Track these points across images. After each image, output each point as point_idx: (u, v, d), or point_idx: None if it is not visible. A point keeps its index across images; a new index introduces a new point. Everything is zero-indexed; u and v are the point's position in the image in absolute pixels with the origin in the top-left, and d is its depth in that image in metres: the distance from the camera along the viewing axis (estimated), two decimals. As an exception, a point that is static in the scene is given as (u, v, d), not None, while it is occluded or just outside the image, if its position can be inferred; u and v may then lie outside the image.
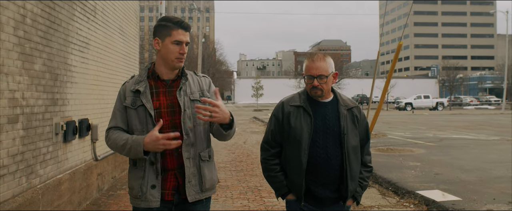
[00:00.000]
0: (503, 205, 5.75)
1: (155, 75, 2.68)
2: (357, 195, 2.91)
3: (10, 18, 4.06)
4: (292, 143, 2.81)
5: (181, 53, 2.62)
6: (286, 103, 2.92)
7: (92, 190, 6.51)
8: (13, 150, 4.16)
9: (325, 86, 2.81)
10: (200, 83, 2.77)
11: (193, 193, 2.62)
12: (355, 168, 2.83)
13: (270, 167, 2.91)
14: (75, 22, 5.84)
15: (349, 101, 2.94)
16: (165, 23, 2.63)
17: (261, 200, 6.55)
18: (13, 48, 4.12)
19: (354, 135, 2.84)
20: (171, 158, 2.60)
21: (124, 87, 2.72)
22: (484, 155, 10.96)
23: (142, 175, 2.58)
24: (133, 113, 2.63)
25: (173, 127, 2.59)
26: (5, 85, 3.99)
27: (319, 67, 2.79)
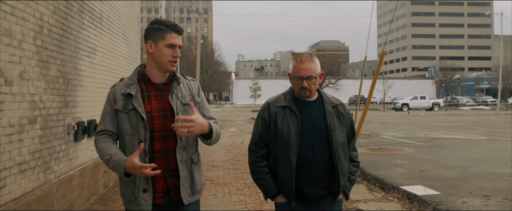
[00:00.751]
0: (477, 198, 6.25)
1: (146, 78, 2.68)
2: (346, 190, 2.96)
3: (30, 30, 4.54)
4: (280, 144, 2.82)
5: (175, 56, 2.63)
6: (272, 105, 2.94)
7: (99, 186, 6.98)
8: (33, 148, 4.63)
9: (313, 87, 2.84)
10: (190, 87, 2.79)
11: (187, 196, 2.66)
12: (344, 163, 2.87)
13: (258, 169, 2.92)
14: (84, 30, 6.31)
15: (333, 99, 2.99)
16: (159, 26, 2.64)
17: (257, 195, 7.02)
18: (32, 56, 4.60)
19: (341, 131, 2.88)
20: (160, 161, 2.61)
21: (113, 90, 2.70)
22: (469, 154, 11.48)
23: (133, 180, 2.59)
24: (124, 116, 2.62)
25: (164, 131, 2.61)
26: (26, 89, 4.46)
27: (308, 69, 2.80)
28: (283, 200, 2.87)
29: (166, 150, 2.62)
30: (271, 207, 6.40)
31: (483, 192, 6.63)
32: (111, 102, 2.66)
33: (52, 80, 5.12)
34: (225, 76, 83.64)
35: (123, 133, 2.62)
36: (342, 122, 2.91)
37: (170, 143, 2.62)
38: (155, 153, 2.60)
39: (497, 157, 10.78)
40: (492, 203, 5.97)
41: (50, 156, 5.10)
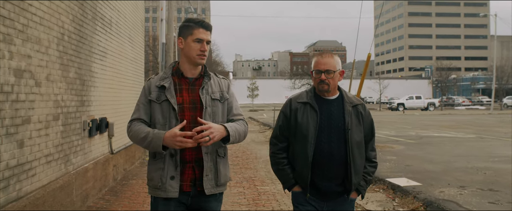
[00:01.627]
0: (454, 188, 6.88)
1: (179, 73, 2.83)
2: (361, 189, 3.01)
3: (54, 37, 5.13)
4: (299, 138, 2.93)
5: (202, 50, 2.77)
6: (294, 100, 3.05)
7: (109, 179, 7.57)
8: (56, 142, 5.22)
9: (331, 81, 2.93)
10: (220, 84, 2.93)
11: (209, 187, 2.75)
12: (359, 162, 2.93)
13: (278, 161, 3.04)
14: (96, 35, 6.90)
15: (354, 99, 3.06)
16: (188, 24, 2.81)
17: (255, 187, 7.62)
18: (56, 60, 5.19)
19: (359, 131, 2.94)
20: (190, 150, 2.72)
21: (149, 83, 2.85)
22: (454, 150, 12.12)
23: (162, 167, 2.71)
24: (157, 107, 2.76)
25: (193, 122, 2.72)
26: (51, 90, 5.05)
27: (327, 63, 2.93)
28: (299, 189, 3.00)
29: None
30: (268, 198, 7.01)
31: (460, 183, 7.27)
32: (146, 93, 2.82)
33: (71, 82, 5.72)
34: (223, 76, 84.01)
35: (155, 123, 2.76)
36: (361, 121, 2.98)
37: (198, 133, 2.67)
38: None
39: (480, 153, 11.43)
40: (466, 192, 6.60)
41: (69, 150, 5.69)
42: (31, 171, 4.53)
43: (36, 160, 4.64)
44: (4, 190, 3.94)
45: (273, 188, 7.55)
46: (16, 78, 4.15)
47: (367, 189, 3.05)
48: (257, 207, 6.28)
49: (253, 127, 23.77)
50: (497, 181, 7.47)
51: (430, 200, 6.06)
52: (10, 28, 4.02)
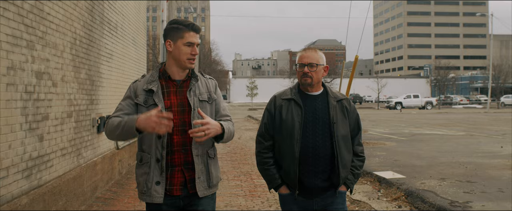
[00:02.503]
0: (434, 180, 7.43)
1: (166, 75, 2.78)
2: (349, 183, 3.01)
3: (68, 42, 5.65)
4: (285, 135, 2.93)
5: (193, 54, 2.74)
6: (278, 97, 3.06)
7: (115, 172, 8.10)
8: (70, 137, 5.75)
9: (314, 74, 2.95)
10: (207, 85, 2.90)
11: (202, 189, 2.75)
12: (346, 156, 2.94)
13: (264, 160, 3.03)
14: (104, 39, 7.43)
15: (338, 94, 3.08)
16: (177, 26, 2.74)
17: (251, 181, 8.15)
18: (69, 63, 5.71)
19: (344, 125, 2.96)
20: (179, 154, 2.71)
21: (135, 85, 2.80)
22: (442, 147, 12.66)
23: (148, 171, 2.70)
24: (145, 110, 2.69)
25: (182, 125, 2.71)
26: (66, 90, 5.58)
27: (309, 56, 2.96)
28: (286, 191, 2.99)
29: (184, 143, 2.71)
30: (263, 190, 7.53)
31: (441, 176, 7.81)
32: (131, 96, 2.77)
33: (82, 82, 6.24)
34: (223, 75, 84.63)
35: None
36: (346, 116, 3.00)
37: (188, 137, 2.69)
38: (174, 146, 2.70)
39: (466, 149, 11.98)
40: (445, 184, 7.15)
41: (80, 144, 6.22)
42: (49, 162, 5.06)
43: (53, 153, 5.17)
44: (28, 178, 4.47)
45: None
46: (37, 79, 4.68)
47: (355, 183, 3.05)
48: (253, 198, 6.80)
49: (251, 125, 24.31)
50: (476, 174, 8.02)
51: (411, 190, 6.61)
52: (32, 36, 4.54)
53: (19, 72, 4.23)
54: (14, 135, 4.13)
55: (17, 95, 4.20)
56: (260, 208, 6.17)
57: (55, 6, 5.15)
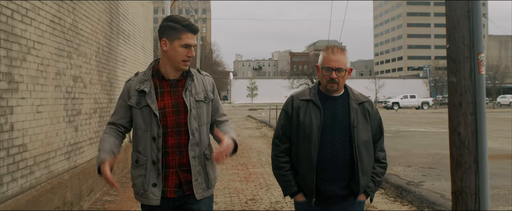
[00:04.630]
0: (401, 167, 8.66)
1: (160, 74, 2.69)
2: (369, 191, 2.83)
3: (94, 50, 6.88)
4: (302, 138, 2.77)
5: (189, 56, 2.63)
6: (296, 98, 2.88)
7: (128, 162, 9.31)
8: (95, 129, 6.97)
9: (342, 80, 2.76)
10: (204, 83, 2.79)
11: (200, 191, 2.69)
12: (366, 162, 2.76)
13: (280, 165, 2.87)
14: (119, 46, 8.66)
15: (360, 96, 2.88)
16: (174, 25, 2.62)
17: (247, 169, 9.38)
18: (95, 68, 6.94)
19: (365, 130, 2.77)
20: (173, 156, 2.65)
21: (128, 85, 2.73)
22: (420, 141, 13.93)
23: (144, 174, 2.64)
24: (138, 112, 2.65)
25: (177, 126, 2.64)
26: (92, 90, 6.80)
27: (338, 60, 2.72)
28: (302, 198, 2.83)
29: (179, 145, 2.65)
30: (257, 176, 8.74)
31: (409, 164, 9.05)
32: (124, 98, 2.73)
33: (104, 84, 7.47)
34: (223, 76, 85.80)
35: (137, 128, 2.69)
36: (368, 119, 2.82)
37: (182, 138, 2.65)
38: (169, 148, 2.64)
39: (441, 143, 13.09)
40: (409, 170, 8.38)
41: (103, 136, 7.44)
42: (82, 149, 6.28)
43: (84, 141, 6.40)
44: (68, 159, 5.69)
45: (262, 170, 9.30)
46: (74, 82, 5.90)
47: (375, 191, 2.89)
48: (247, 182, 8.03)
49: (251, 124, 25.52)
50: (439, 162, 9.26)
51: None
52: (71, 48, 5.77)
53: (63, 76, 5.45)
54: (59, 125, 5.36)
55: (61, 94, 5.42)
56: (253, 191, 7.37)
57: (85, 23, 6.37)
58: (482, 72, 3.87)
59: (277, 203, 6.38)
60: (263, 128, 21.44)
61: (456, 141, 3.97)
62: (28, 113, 4.46)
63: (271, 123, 22.01)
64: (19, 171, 4.27)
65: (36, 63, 4.64)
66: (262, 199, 6.67)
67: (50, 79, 5.02)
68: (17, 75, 4.22)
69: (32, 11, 4.53)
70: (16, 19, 4.17)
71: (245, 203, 6.46)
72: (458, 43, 3.91)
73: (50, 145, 5.05)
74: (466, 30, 3.88)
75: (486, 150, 3.88)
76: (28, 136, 4.46)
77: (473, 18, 3.86)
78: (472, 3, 3.87)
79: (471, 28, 3.87)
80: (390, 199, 6.52)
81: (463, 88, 3.90)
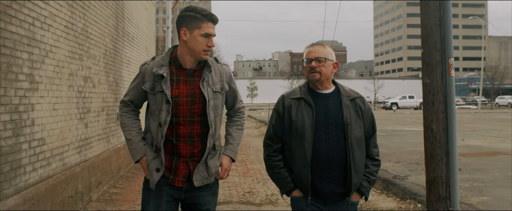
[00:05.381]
0: (390, 163, 9.16)
1: (177, 63, 2.66)
2: (364, 190, 2.80)
3: (102, 53, 7.36)
4: (295, 137, 2.75)
5: (209, 46, 2.61)
6: (287, 97, 2.87)
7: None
8: (102, 126, 7.46)
9: (323, 69, 2.76)
10: (221, 73, 2.77)
11: (200, 179, 2.68)
12: (359, 160, 2.74)
13: (273, 164, 2.85)
14: (124, 48, 9.14)
15: (352, 92, 2.88)
16: (194, 14, 2.60)
17: (245, 166, 9.86)
18: (102, 69, 7.42)
19: (358, 126, 2.76)
20: (185, 145, 2.65)
21: (144, 69, 2.71)
22: (412, 140, 14.39)
23: (154, 156, 2.69)
24: (152, 97, 2.65)
25: (190, 116, 2.62)
26: (100, 90, 7.28)
27: (317, 51, 2.78)
28: (299, 194, 2.81)
29: (191, 135, 2.64)
30: (254, 172, 9.22)
31: (398, 160, 9.54)
32: (139, 80, 2.74)
33: (110, 84, 7.96)
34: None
35: (151, 112, 2.70)
36: (360, 116, 2.80)
37: (195, 129, 2.63)
38: (180, 137, 2.63)
39: (433, 142, 13.69)
40: (398, 165, 8.88)
41: (110, 133, 7.93)
42: (91, 144, 6.77)
43: (93, 137, 6.88)
44: (79, 153, 6.17)
45: (259, 166, 9.78)
46: (84, 82, 6.39)
47: (370, 190, 2.87)
48: (245, 177, 8.51)
49: (250, 123, 26.01)
50: (427, 159, 9.71)
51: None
52: (82, 51, 6.25)
53: (75, 77, 5.94)
54: (72, 121, 5.84)
55: (74, 93, 5.91)
56: (251, 185, 7.85)
57: (94, 27, 6.85)
58: (452, 75, 4.34)
59: (272, 196, 6.86)
60: (262, 127, 21.92)
61: (429, 136, 4.44)
62: (46, 110, 4.95)
63: (270, 123, 22.45)
64: (38, 162, 4.76)
65: (52, 65, 5.12)
66: (259, 192, 7.16)
67: (64, 79, 5.51)
68: (37, 76, 4.70)
69: (50, 18, 5.02)
70: (36, 26, 4.66)
71: (243, 195, 6.94)
72: (431, 48, 4.39)
73: (64, 140, 5.53)
74: (438, 37, 4.37)
75: (455, 143, 4.36)
76: (46, 130, 4.94)
77: (444, 26, 4.35)
78: (444, 12, 4.36)
79: (442, 35, 4.36)
80: (377, 192, 7.00)
81: (435, 89, 4.38)
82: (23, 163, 4.40)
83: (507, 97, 64.18)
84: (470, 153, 10.90)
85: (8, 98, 4.06)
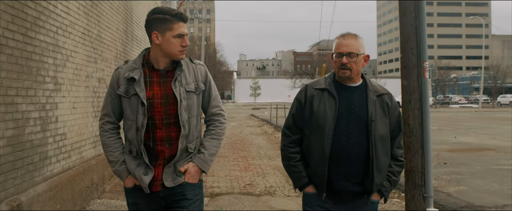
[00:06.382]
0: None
1: (150, 64, 2.61)
2: (384, 191, 2.69)
3: (113, 56, 7.97)
4: (315, 129, 2.64)
5: (184, 46, 2.57)
6: (310, 87, 2.76)
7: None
8: (114, 124, 8.06)
9: (354, 65, 2.62)
10: (195, 72, 2.69)
11: (171, 179, 2.62)
12: (383, 159, 2.61)
13: (290, 155, 2.74)
14: (133, 51, 9.75)
15: (379, 88, 2.74)
16: (164, 16, 2.54)
17: (247, 161, 10.47)
18: (112, 71, 8.02)
19: (383, 124, 2.63)
20: (163, 149, 2.58)
21: (117, 73, 2.66)
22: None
23: (137, 162, 2.63)
24: (126, 101, 2.59)
25: (166, 118, 2.57)
26: (112, 90, 7.89)
27: (349, 45, 2.63)
28: (313, 190, 2.70)
29: (169, 138, 2.58)
30: (255, 167, 9.81)
31: (390, 156, 10.10)
32: (114, 86, 2.66)
33: (121, 85, 8.57)
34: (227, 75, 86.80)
35: (126, 118, 2.65)
36: (387, 113, 2.67)
37: (172, 131, 2.58)
38: (157, 140, 2.57)
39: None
40: (389, 160, 9.43)
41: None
42: (104, 140, 7.38)
43: (106, 134, 7.49)
44: (94, 148, 6.79)
45: (260, 162, 10.39)
46: (98, 83, 7.00)
47: (390, 191, 2.73)
48: (246, 171, 9.11)
49: (253, 122, 26.65)
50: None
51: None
52: (97, 54, 6.86)
53: (91, 79, 6.55)
54: (88, 119, 6.45)
55: (90, 93, 6.52)
56: (251, 178, 8.45)
57: (107, 32, 7.46)
58: (426, 77, 4.91)
59: (271, 188, 7.46)
60: (264, 126, 22.54)
61: (407, 130, 5.01)
62: (67, 109, 5.56)
63: (272, 121, 23.10)
64: (61, 155, 5.37)
65: (72, 69, 5.73)
66: (258, 184, 7.76)
67: (81, 81, 6.12)
68: (60, 78, 5.31)
69: (70, 26, 5.63)
70: (59, 34, 5.27)
71: (243, 187, 7.54)
72: (408, 53, 4.97)
73: (82, 135, 6.15)
74: (414, 43, 4.94)
75: (429, 137, 4.93)
76: (67, 127, 5.55)
77: (419, 34, 4.92)
78: (419, 22, 4.93)
79: (418, 42, 4.93)
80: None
81: (412, 89, 4.95)
82: (49, 155, 5.01)
83: (509, 96, 64.49)
84: (458, 149, 11.49)
85: (37, 98, 4.67)
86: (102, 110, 2.76)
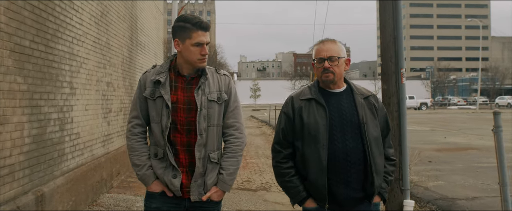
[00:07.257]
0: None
1: (176, 70, 2.68)
2: (383, 192, 2.72)
3: (120, 61, 8.55)
4: (308, 140, 2.60)
5: (203, 54, 2.60)
6: (296, 98, 2.73)
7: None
8: (120, 125, 8.64)
9: (336, 69, 2.63)
10: (219, 82, 2.71)
11: (197, 193, 2.63)
12: (379, 161, 2.62)
13: (283, 171, 2.69)
14: (137, 56, 10.34)
15: (364, 90, 2.77)
16: (184, 24, 2.60)
17: (245, 160, 11.03)
18: (120, 75, 8.62)
19: (374, 125, 2.65)
20: (183, 154, 2.63)
21: (144, 77, 2.71)
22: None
23: (164, 166, 2.65)
24: (152, 103, 2.64)
25: (187, 125, 2.61)
26: (119, 93, 8.47)
27: (329, 49, 2.64)
28: (313, 204, 2.65)
29: (189, 144, 2.62)
30: (253, 165, 10.36)
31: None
32: (141, 89, 2.71)
33: (126, 88, 9.16)
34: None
35: (151, 120, 2.68)
36: (375, 115, 2.69)
37: (193, 136, 2.61)
38: (178, 145, 2.62)
39: (417, 139, 14.80)
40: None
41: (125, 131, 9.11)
42: (112, 140, 7.96)
43: (113, 133, 8.08)
44: (103, 146, 7.37)
45: (257, 160, 10.97)
46: (107, 87, 7.58)
47: (388, 191, 2.77)
48: (245, 170, 9.68)
49: (253, 123, 27.24)
50: (407, 154, 10.87)
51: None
52: (105, 60, 7.45)
53: (100, 83, 7.14)
54: (98, 120, 7.04)
55: (99, 97, 7.11)
56: (249, 175, 9.02)
57: (114, 40, 8.05)
58: (403, 82, 5.50)
59: (266, 184, 8.05)
60: (263, 127, 23.11)
61: (386, 130, 5.60)
62: (80, 110, 6.14)
63: (271, 122, 23.66)
64: (75, 152, 5.95)
65: (85, 74, 6.32)
66: (255, 181, 8.33)
67: (92, 85, 6.70)
68: (75, 83, 5.90)
69: (83, 36, 6.22)
70: (74, 43, 5.86)
71: (241, 183, 8.12)
72: (387, 61, 5.56)
73: (93, 134, 6.73)
74: (392, 52, 5.52)
75: (406, 136, 5.52)
76: (80, 127, 6.14)
77: (397, 43, 5.51)
78: (397, 33, 5.52)
79: (396, 51, 5.51)
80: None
81: (391, 93, 5.54)
82: (66, 152, 5.59)
83: (507, 97, 64.95)
84: (445, 148, 12.08)
85: (56, 101, 5.26)
86: (130, 113, 2.81)
